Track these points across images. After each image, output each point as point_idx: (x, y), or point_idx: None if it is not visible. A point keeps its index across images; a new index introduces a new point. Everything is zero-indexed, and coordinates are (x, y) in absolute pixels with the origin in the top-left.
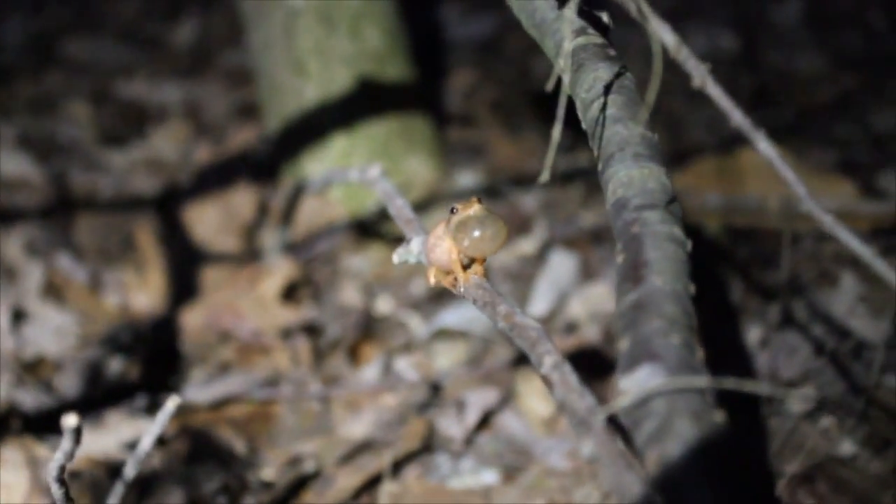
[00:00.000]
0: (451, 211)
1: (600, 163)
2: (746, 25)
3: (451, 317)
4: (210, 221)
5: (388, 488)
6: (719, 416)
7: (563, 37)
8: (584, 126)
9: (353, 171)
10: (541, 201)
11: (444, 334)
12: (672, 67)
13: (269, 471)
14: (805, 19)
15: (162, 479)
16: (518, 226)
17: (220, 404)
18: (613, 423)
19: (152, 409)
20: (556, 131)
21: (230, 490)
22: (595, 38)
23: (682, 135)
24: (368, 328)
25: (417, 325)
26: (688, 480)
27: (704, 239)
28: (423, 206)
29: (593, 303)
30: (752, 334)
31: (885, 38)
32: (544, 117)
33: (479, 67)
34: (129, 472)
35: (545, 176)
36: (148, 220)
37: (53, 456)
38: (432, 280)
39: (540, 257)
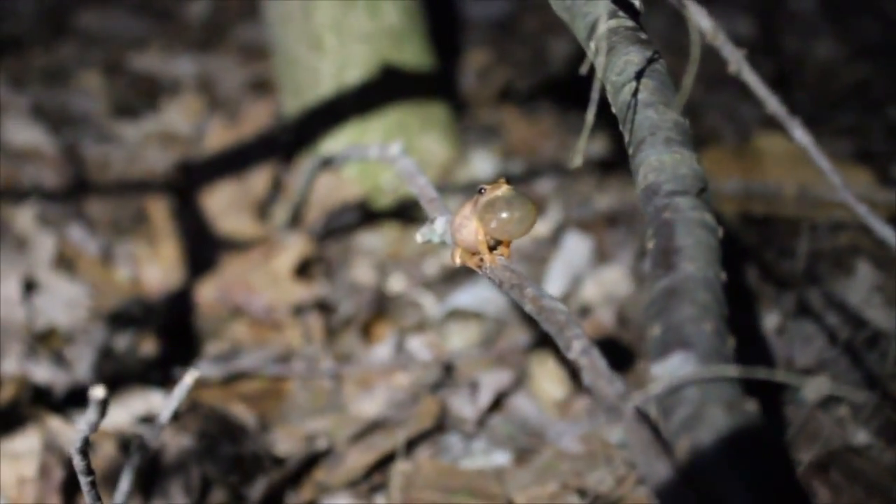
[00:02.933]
0: (479, 191)
1: (630, 147)
2: (764, 12)
3: (465, 297)
4: (223, 197)
5: (400, 467)
6: (752, 406)
7: (595, 19)
8: (613, 110)
9: (372, 148)
10: (556, 183)
11: (457, 315)
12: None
13: (281, 447)
14: (821, 7)
15: (174, 454)
16: None
17: (231, 380)
18: (638, 408)
19: (165, 383)
20: (590, 114)
21: (242, 465)
22: (626, 21)
23: (698, 120)
24: (381, 307)
25: (431, 305)
26: (720, 469)
27: (721, 225)
28: (437, 186)
29: (607, 286)
30: (769, 322)
31: None
32: (559, 99)
33: (494, 48)
34: (148, 442)
35: (578, 160)
36: (161, 194)
37: (67, 427)
38: (457, 260)
39: (554, 239)
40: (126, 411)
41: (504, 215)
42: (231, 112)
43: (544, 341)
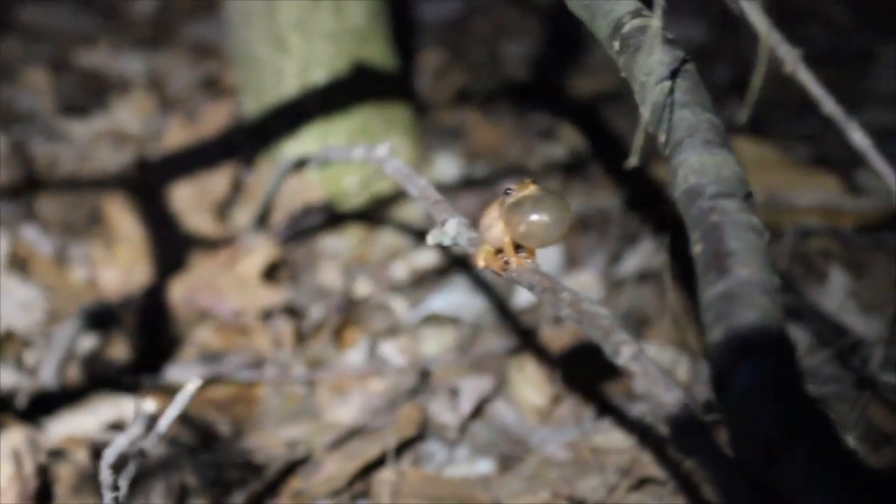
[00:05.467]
0: (506, 192)
1: (667, 148)
2: (715, 17)
3: (440, 301)
4: (181, 198)
5: (385, 476)
6: (825, 412)
7: (618, 17)
8: (642, 110)
9: (356, 149)
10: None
11: (432, 319)
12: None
13: (258, 454)
14: (769, 13)
15: (150, 463)
16: None
17: (203, 385)
18: (690, 413)
19: (135, 388)
20: (646, 111)
21: (221, 473)
22: (651, 19)
23: None
24: (350, 311)
25: (402, 309)
26: (809, 483)
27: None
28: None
29: (580, 291)
30: None
31: (849, 34)
32: (518, 100)
33: (448, 48)
34: (147, 452)
35: (634, 160)
36: (116, 194)
37: (36, 434)
38: (482, 262)
39: None
40: (95, 418)
41: (533, 218)
42: (186, 111)
43: (521, 346)
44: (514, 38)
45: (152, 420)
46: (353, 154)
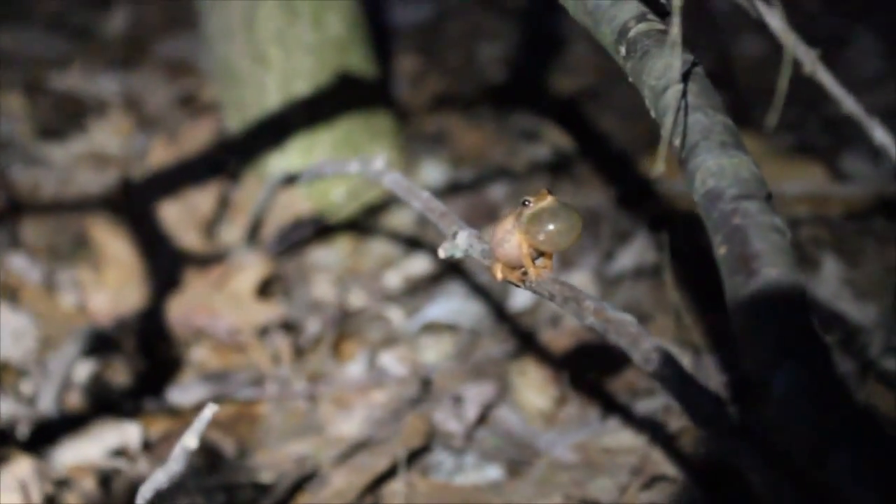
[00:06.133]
0: (523, 203)
1: (683, 152)
2: (687, 10)
3: (437, 310)
4: (168, 218)
5: (395, 487)
6: (868, 414)
7: (623, 22)
8: (653, 115)
9: (352, 163)
10: (507, 189)
11: (430, 327)
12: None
13: (265, 473)
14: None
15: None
16: (486, 215)
17: (201, 406)
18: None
19: (137, 413)
20: (669, 120)
21: (229, 495)
22: (657, 24)
23: (637, 122)
24: (346, 323)
25: (399, 319)
26: (855, 482)
27: (679, 224)
28: (394, 198)
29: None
30: None
31: (818, 20)
32: (498, 103)
33: (422, 53)
34: (162, 481)
35: (660, 166)
36: (102, 217)
37: (41, 465)
38: (499, 276)
39: None
40: (99, 445)
41: (551, 227)
42: (166, 130)
43: (521, 350)
44: (488, 40)
45: (145, 446)
46: (349, 168)
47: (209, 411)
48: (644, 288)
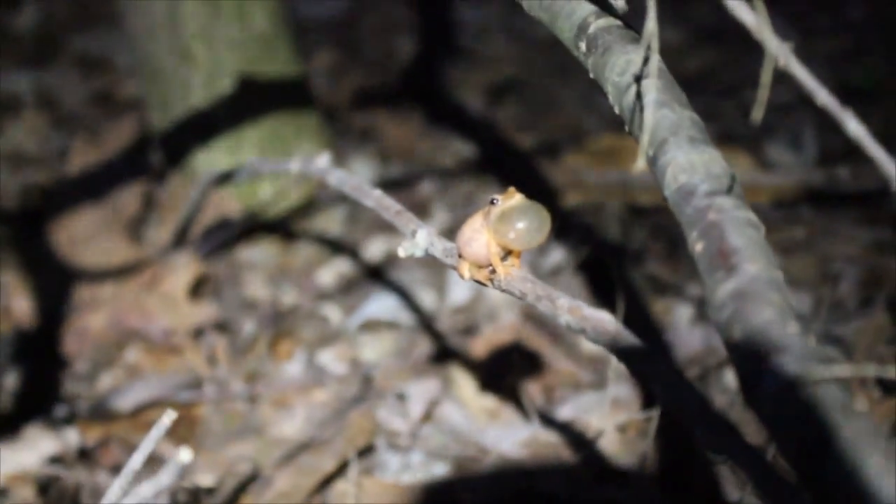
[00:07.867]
0: (492, 202)
1: (651, 148)
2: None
3: (375, 306)
4: (92, 219)
5: (344, 488)
6: (860, 405)
7: (582, 18)
8: (617, 111)
9: (293, 161)
10: (436, 185)
11: (369, 325)
12: (541, 47)
13: (206, 476)
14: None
15: (91, 493)
16: (417, 212)
17: (139, 410)
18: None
19: (72, 419)
20: (648, 115)
21: (170, 498)
22: (614, 20)
23: (557, 113)
24: (281, 322)
25: (336, 317)
26: (852, 472)
27: (606, 218)
28: (322, 196)
29: None
30: (681, 313)
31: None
32: (422, 98)
33: (339, 48)
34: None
35: (641, 164)
36: (19, 219)
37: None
38: (466, 275)
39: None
40: (35, 453)
41: (521, 225)
42: (84, 128)
43: (463, 346)
44: (405, 34)
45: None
46: (290, 166)
47: (167, 418)
48: (586, 277)
